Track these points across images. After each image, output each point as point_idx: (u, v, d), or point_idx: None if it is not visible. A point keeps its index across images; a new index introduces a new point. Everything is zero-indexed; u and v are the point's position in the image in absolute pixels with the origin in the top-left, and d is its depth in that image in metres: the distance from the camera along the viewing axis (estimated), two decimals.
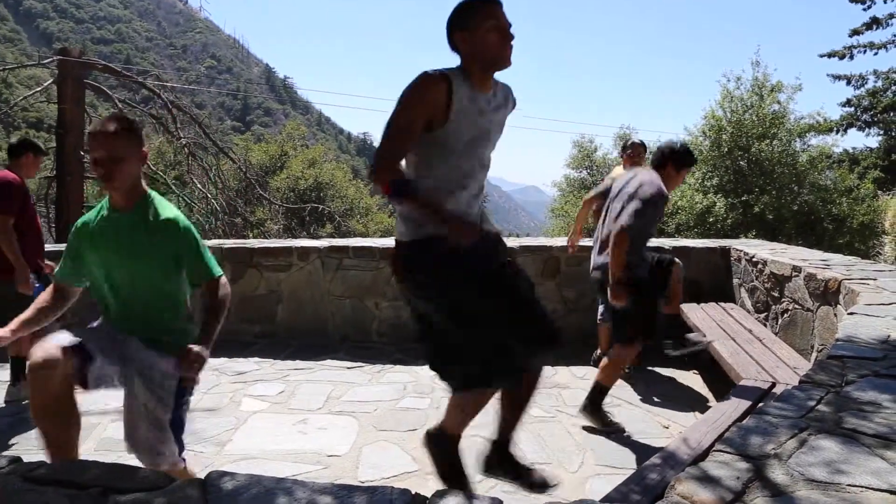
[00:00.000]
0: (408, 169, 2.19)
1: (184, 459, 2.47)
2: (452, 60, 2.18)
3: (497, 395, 2.37)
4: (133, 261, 2.28)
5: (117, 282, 2.33)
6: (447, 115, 2.06)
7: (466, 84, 2.11)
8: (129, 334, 2.33)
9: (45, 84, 11.00)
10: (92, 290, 2.43)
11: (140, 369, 2.27)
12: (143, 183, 2.38)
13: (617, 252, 3.47)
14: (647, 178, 3.57)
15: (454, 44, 2.16)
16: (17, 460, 1.37)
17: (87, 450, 3.42)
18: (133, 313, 2.35)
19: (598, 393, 3.66)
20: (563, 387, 4.36)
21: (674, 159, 3.64)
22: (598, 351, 4.77)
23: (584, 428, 3.65)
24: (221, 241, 6.64)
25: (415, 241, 2.19)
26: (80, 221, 2.43)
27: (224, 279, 2.47)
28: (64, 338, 2.13)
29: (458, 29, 2.13)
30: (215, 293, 2.44)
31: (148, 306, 2.35)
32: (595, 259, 3.83)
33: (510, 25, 2.13)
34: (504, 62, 2.13)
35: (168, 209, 2.36)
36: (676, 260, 3.96)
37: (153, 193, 2.40)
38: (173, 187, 12.11)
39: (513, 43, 2.13)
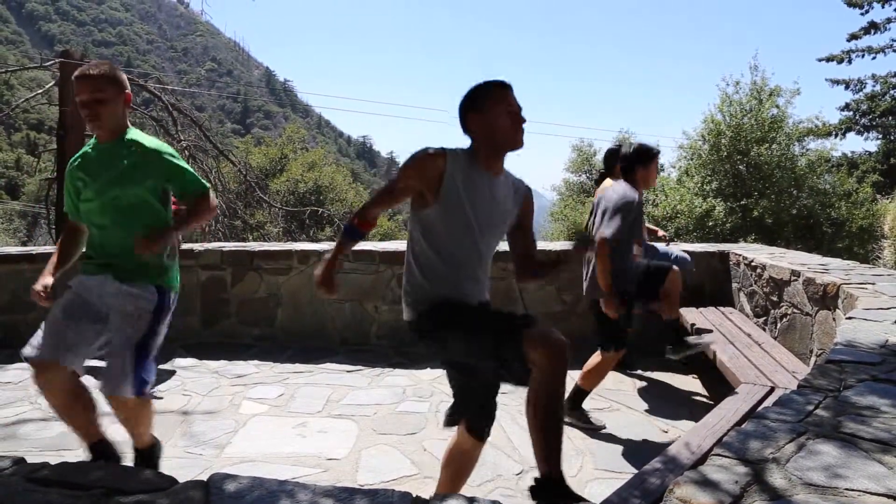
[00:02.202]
0: (407, 249, 2.32)
1: (145, 395, 2.52)
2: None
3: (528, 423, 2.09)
4: (117, 187, 2.45)
5: (102, 211, 2.49)
6: (439, 190, 2.11)
7: (471, 163, 2.16)
8: (107, 272, 2.49)
9: (47, 86, 11.00)
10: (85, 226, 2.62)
11: (115, 306, 2.45)
12: (127, 121, 2.58)
13: (600, 262, 3.59)
14: (612, 189, 3.75)
15: (466, 125, 2.21)
16: (20, 461, 1.37)
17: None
18: (114, 244, 2.50)
19: (577, 395, 3.80)
20: None
21: (638, 160, 3.83)
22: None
23: (583, 431, 3.66)
24: (221, 243, 6.65)
25: (421, 314, 2.29)
26: (72, 158, 2.64)
27: (213, 195, 2.62)
28: (45, 348, 2.39)
29: (471, 110, 2.18)
30: (201, 202, 2.58)
31: (129, 234, 2.46)
32: (584, 286, 3.96)
33: (521, 109, 2.18)
34: (515, 144, 2.19)
35: (150, 140, 2.55)
36: (674, 267, 3.97)
37: (135, 129, 2.59)
38: None
39: (524, 126, 2.19)
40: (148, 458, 2.75)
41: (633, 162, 3.83)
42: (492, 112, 2.14)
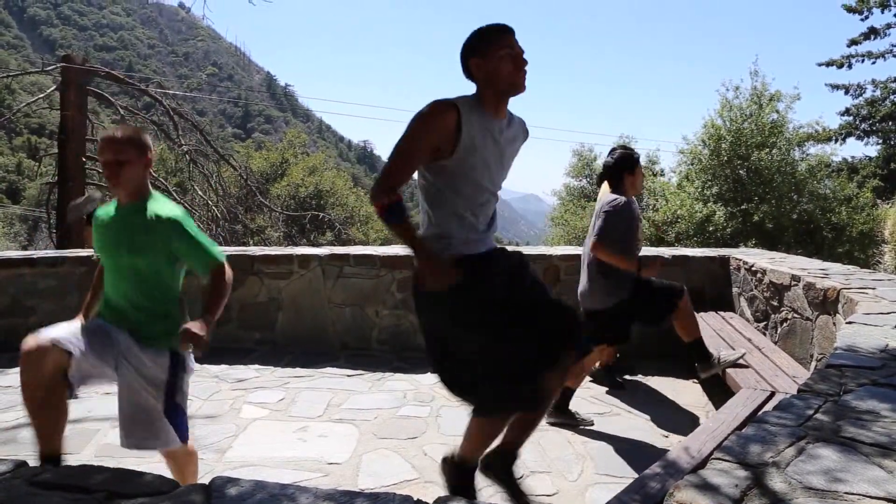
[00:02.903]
0: (421, 196, 2.26)
1: (184, 441, 2.57)
2: (460, 88, 2.24)
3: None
4: (130, 254, 2.45)
5: (116, 273, 2.51)
6: (456, 144, 2.10)
7: (479, 111, 2.15)
8: (122, 325, 2.49)
9: (48, 91, 11.03)
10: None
11: (130, 360, 2.43)
12: (149, 185, 2.59)
13: (607, 258, 3.71)
14: (602, 199, 3.85)
15: (469, 70, 2.21)
16: (22, 464, 1.38)
17: (88, 456, 3.43)
18: (128, 307, 2.50)
19: (564, 395, 3.83)
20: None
21: (623, 167, 3.88)
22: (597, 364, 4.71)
23: (575, 431, 3.66)
24: (222, 248, 6.65)
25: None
26: (97, 212, 2.67)
27: (227, 267, 2.60)
28: (57, 332, 2.33)
29: (473, 56, 2.18)
30: (219, 278, 2.57)
31: (143, 297, 2.49)
32: (579, 297, 4.01)
33: (523, 52, 2.18)
34: (518, 88, 2.19)
35: (167, 207, 2.52)
36: (684, 288, 4.00)
37: (156, 194, 2.59)
38: (174, 194, 12.13)
39: (526, 69, 2.18)
40: None
41: (620, 169, 3.88)
42: (493, 56, 2.14)
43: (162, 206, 2.51)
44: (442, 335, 2.32)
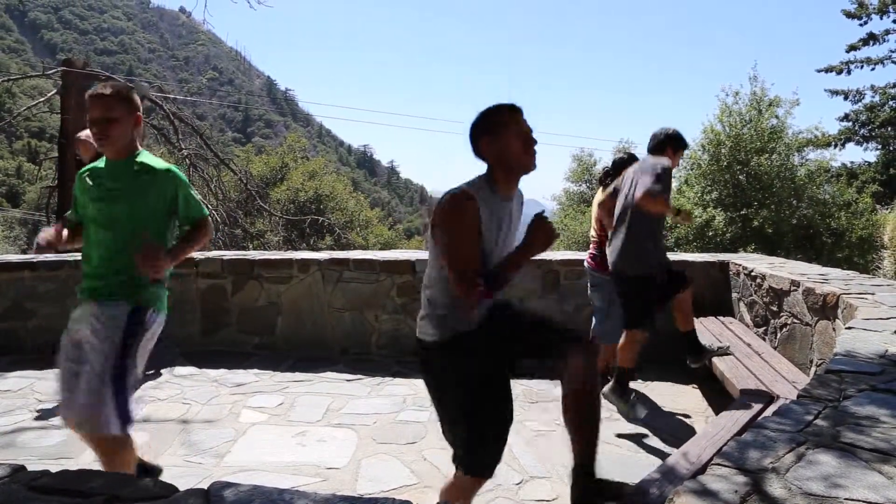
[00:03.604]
0: (429, 269, 2.25)
1: (127, 433, 2.43)
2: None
3: (563, 418, 2.23)
4: (122, 203, 2.45)
5: (105, 225, 2.48)
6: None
7: (491, 195, 2.16)
8: (90, 298, 2.47)
9: (49, 94, 11.06)
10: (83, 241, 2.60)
11: (92, 329, 2.40)
12: (137, 142, 2.58)
13: (653, 204, 3.57)
14: (650, 159, 3.80)
15: (478, 149, 2.22)
16: (20, 469, 1.38)
17: (87, 460, 3.42)
18: (111, 261, 2.47)
19: (620, 376, 3.89)
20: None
21: (671, 143, 3.90)
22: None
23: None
24: (222, 252, 6.66)
25: (435, 343, 2.23)
26: (82, 170, 2.66)
27: (209, 221, 2.66)
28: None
29: (483, 136, 2.19)
30: (199, 228, 2.61)
31: (127, 251, 2.44)
32: (610, 259, 3.96)
33: (531, 131, 2.20)
34: (528, 168, 2.20)
35: (160, 161, 2.57)
36: (689, 277, 4.01)
37: (146, 152, 2.60)
38: None
39: (535, 148, 2.20)
40: None
41: (666, 143, 3.90)
42: (504, 136, 2.15)
43: (154, 159, 2.55)
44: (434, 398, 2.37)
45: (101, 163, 2.60)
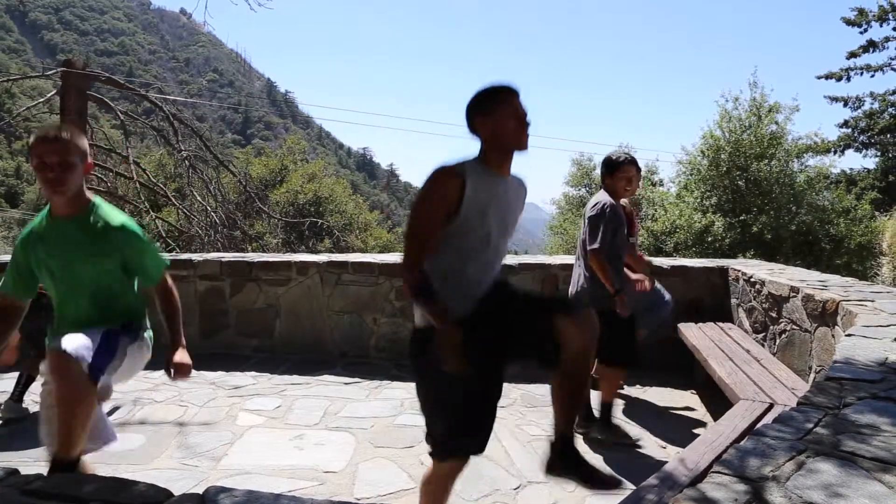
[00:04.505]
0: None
1: (96, 381, 2.19)
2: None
3: (550, 391, 2.26)
4: (79, 266, 2.32)
5: (66, 287, 2.36)
6: (460, 207, 2.12)
7: (484, 169, 2.18)
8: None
9: (49, 95, 11.05)
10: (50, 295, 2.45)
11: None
12: (86, 191, 2.40)
13: (599, 271, 3.65)
14: (591, 200, 3.82)
15: (473, 127, 2.24)
16: (14, 472, 1.36)
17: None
18: (85, 316, 2.37)
19: (604, 410, 3.80)
20: None
21: (603, 170, 3.89)
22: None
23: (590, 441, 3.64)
24: (220, 254, 6.65)
25: (424, 329, 2.24)
26: (24, 232, 2.46)
27: (168, 278, 2.53)
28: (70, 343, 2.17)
29: (478, 113, 2.22)
30: (165, 287, 2.50)
31: (101, 306, 2.37)
32: (570, 291, 3.97)
33: (527, 113, 2.23)
34: (521, 146, 2.22)
35: (114, 215, 2.40)
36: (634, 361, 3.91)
37: (98, 200, 2.43)
38: (173, 199, 12.12)
39: (529, 130, 2.22)
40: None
41: (602, 174, 3.90)
42: (498, 115, 2.18)
43: (111, 214, 2.39)
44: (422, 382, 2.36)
45: (41, 223, 2.39)
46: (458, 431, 2.24)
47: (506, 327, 2.20)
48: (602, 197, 3.75)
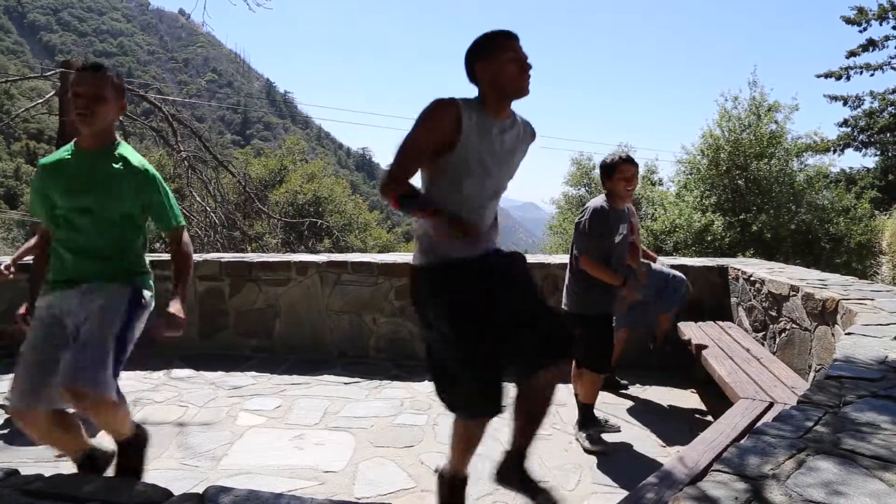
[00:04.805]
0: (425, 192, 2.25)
1: (119, 397, 2.30)
2: (459, 94, 2.24)
3: (512, 406, 2.34)
4: (99, 197, 2.33)
5: (79, 220, 2.36)
6: (456, 140, 2.12)
7: (480, 110, 2.18)
8: (78, 285, 2.37)
9: (48, 96, 11.03)
10: (54, 234, 2.46)
11: (88, 305, 2.31)
12: (115, 131, 2.45)
13: (595, 273, 3.63)
14: (588, 205, 3.79)
15: (473, 74, 2.24)
16: (13, 473, 1.36)
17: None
18: (90, 254, 2.38)
19: (586, 411, 3.79)
20: (560, 404, 4.34)
21: (601, 174, 3.82)
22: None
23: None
24: (220, 254, 6.64)
25: (421, 268, 2.26)
26: (44, 161, 2.48)
27: (185, 232, 2.53)
28: (20, 396, 2.22)
29: (478, 59, 2.22)
30: (178, 242, 2.49)
31: (106, 245, 2.38)
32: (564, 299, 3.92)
33: (527, 57, 2.22)
34: (522, 91, 2.22)
35: (138, 157, 2.43)
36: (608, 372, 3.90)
37: (125, 143, 2.46)
38: None
39: (530, 73, 2.22)
40: (134, 450, 2.54)
41: (601, 177, 3.85)
42: (498, 60, 2.17)
43: (133, 154, 2.42)
44: (428, 331, 2.34)
45: (68, 153, 2.43)
46: (473, 380, 2.20)
47: (501, 307, 2.19)
48: (594, 202, 3.75)
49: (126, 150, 2.44)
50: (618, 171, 3.74)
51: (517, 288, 2.27)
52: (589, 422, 3.77)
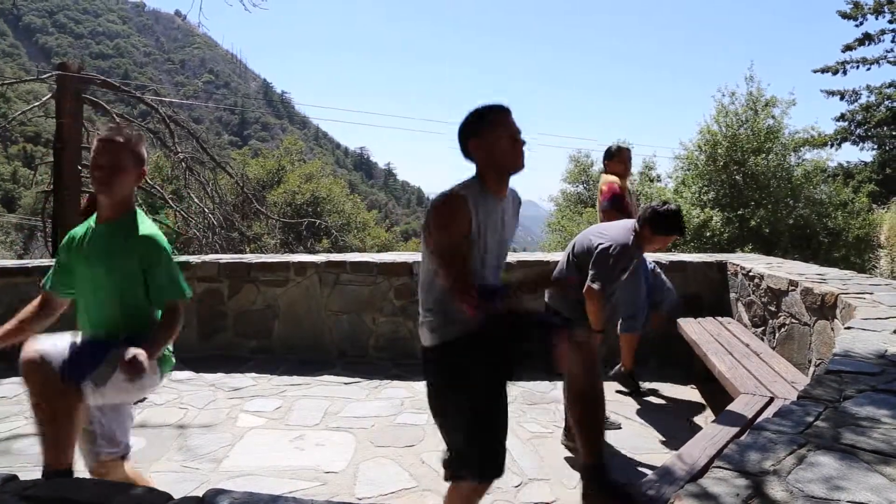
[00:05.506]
0: (423, 274, 2.26)
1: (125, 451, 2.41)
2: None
3: (570, 417, 2.35)
4: (106, 267, 2.33)
5: (92, 289, 2.38)
6: (469, 232, 2.12)
7: (483, 194, 2.18)
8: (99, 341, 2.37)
9: (44, 99, 11.02)
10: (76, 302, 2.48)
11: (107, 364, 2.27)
12: (133, 200, 2.47)
13: (593, 308, 3.44)
14: (615, 234, 3.53)
15: (467, 151, 2.24)
16: (12, 478, 1.36)
17: (79, 469, 3.40)
18: (107, 325, 2.38)
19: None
20: (561, 402, 4.34)
21: (650, 222, 3.52)
22: (621, 366, 4.64)
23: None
24: (218, 255, 6.64)
25: (431, 347, 2.24)
26: (70, 234, 2.52)
27: (182, 307, 2.44)
28: (44, 345, 2.23)
29: (471, 137, 2.21)
30: (172, 313, 2.42)
31: (120, 319, 2.37)
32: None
33: (520, 132, 2.22)
34: (517, 167, 2.22)
35: (149, 226, 2.42)
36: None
37: (140, 211, 2.48)
38: (170, 202, 12.10)
39: (524, 148, 2.21)
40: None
41: (647, 221, 3.51)
42: (491, 136, 2.17)
43: (145, 222, 2.43)
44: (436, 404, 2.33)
45: (85, 229, 2.46)
46: (486, 446, 2.18)
47: (514, 349, 2.20)
48: (623, 236, 3.51)
49: (138, 219, 2.43)
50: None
51: (522, 328, 2.26)
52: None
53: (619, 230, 3.58)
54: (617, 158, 4.98)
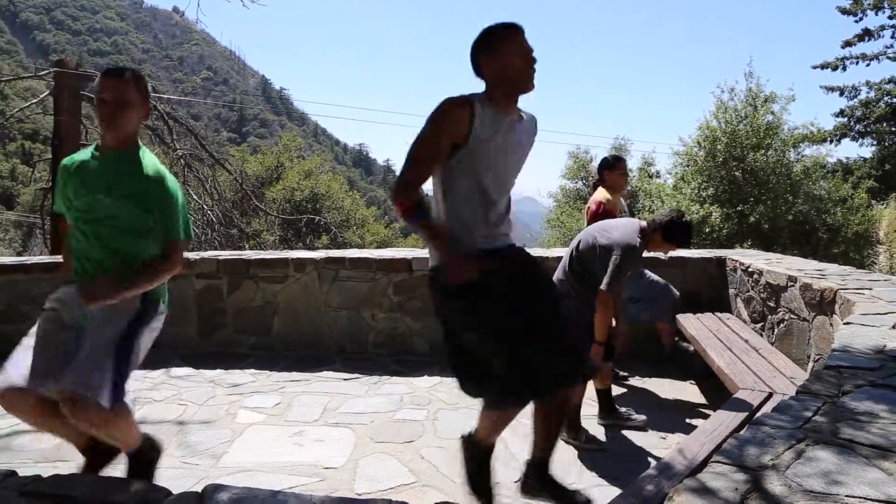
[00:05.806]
0: (434, 192, 2.25)
1: (116, 406, 2.20)
2: (457, 91, 2.23)
3: (530, 416, 2.39)
4: (114, 198, 2.31)
5: (93, 223, 2.35)
6: (468, 138, 2.10)
7: (489, 107, 2.16)
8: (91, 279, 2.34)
9: (42, 96, 11.00)
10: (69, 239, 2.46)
11: (94, 317, 2.31)
12: (138, 137, 2.45)
13: (602, 312, 3.42)
14: (621, 234, 3.49)
15: (478, 68, 2.22)
16: (11, 474, 1.36)
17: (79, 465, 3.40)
18: (98, 258, 2.36)
19: (604, 398, 3.87)
20: None
21: (665, 229, 3.50)
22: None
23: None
24: (217, 252, 6.64)
25: (437, 266, 2.23)
26: (67, 160, 2.49)
27: (183, 248, 2.46)
28: (9, 374, 2.24)
29: (483, 53, 2.20)
30: (169, 253, 2.42)
31: (120, 246, 2.35)
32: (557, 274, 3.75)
33: (532, 51, 2.20)
34: (527, 85, 2.20)
35: (158, 164, 2.42)
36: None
37: (145, 148, 2.46)
38: None
39: (535, 67, 2.20)
40: (142, 462, 2.47)
41: (660, 226, 3.51)
42: (504, 53, 2.16)
43: (152, 161, 2.41)
44: (453, 328, 2.32)
45: (90, 155, 2.43)
46: (521, 367, 2.13)
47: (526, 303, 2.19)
48: (630, 236, 3.47)
49: (147, 155, 2.42)
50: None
51: (538, 288, 2.27)
52: (609, 412, 3.83)
53: (625, 230, 3.53)
54: (618, 171, 4.62)
